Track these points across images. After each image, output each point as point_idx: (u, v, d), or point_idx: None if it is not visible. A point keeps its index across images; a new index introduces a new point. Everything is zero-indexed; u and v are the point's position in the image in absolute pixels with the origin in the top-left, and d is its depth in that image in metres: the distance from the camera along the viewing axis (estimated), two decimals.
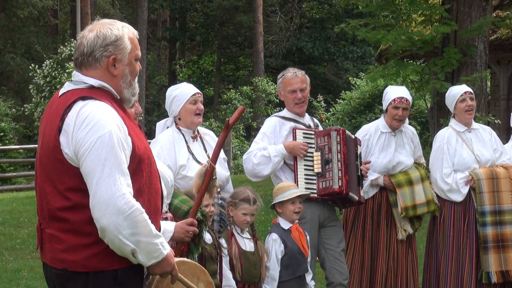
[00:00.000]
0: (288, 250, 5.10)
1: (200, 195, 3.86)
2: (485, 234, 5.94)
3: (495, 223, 5.96)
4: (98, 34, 3.10)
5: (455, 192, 6.01)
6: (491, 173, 6.00)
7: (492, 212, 5.96)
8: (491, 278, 5.91)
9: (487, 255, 5.93)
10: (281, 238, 5.11)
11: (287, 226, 5.18)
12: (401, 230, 5.95)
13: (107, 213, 2.89)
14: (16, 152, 19.85)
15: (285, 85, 5.64)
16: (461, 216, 6.04)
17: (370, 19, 11.83)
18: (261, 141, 5.58)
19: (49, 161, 3.04)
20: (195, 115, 5.15)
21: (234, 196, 5.01)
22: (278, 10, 30.96)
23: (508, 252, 5.95)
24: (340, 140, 5.48)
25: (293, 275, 5.11)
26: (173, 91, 5.21)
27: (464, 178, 6.01)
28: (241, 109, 4.00)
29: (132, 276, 3.09)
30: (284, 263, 5.09)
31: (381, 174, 5.98)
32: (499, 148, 6.20)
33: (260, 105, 25.24)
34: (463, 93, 6.09)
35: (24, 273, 8.22)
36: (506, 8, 13.19)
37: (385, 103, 6.06)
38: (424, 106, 18.75)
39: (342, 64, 30.70)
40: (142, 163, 3.08)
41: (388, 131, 6.07)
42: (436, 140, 6.20)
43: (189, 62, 35.01)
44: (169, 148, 5.04)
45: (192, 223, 3.79)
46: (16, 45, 29.35)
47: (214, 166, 3.97)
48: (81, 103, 3.02)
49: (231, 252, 4.87)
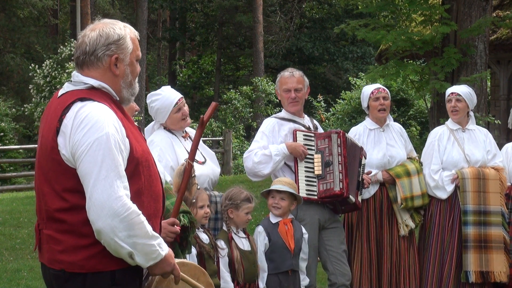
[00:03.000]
0: (272, 243, 5.09)
1: (180, 194, 3.85)
2: (466, 233, 5.95)
3: (479, 223, 5.96)
4: (101, 33, 3.10)
5: (441, 189, 6.05)
6: (477, 173, 6.01)
7: (476, 212, 5.97)
8: (469, 277, 5.91)
9: (466, 254, 5.94)
10: (266, 231, 5.12)
11: (276, 220, 5.19)
12: (403, 226, 5.96)
13: (102, 216, 2.89)
14: (16, 152, 19.84)
15: (281, 84, 5.69)
16: (446, 214, 6.07)
17: (370, 19, 11.82)
18: (261, 140, 5.59)
19: (47, 162, 3.03)
20: (182, 120, 5.16)
21: (232, 198, 4.99)
22: (278, 10, 30.96)
23: (491, 253, 5.94)
24: (340, 142, 5.50)
25: (277, 269, 5.08)
26: (153, 102, 5.14)
27: (450, 176, 6.05)
28: (214, 105, 4.01)
29: (130, 277, 3.09)
30: (267, 257, 5.09)
31: (378, 170, 6.01)
32: (492, 150, 6.22)
33: (260, 105, 25.23)
34: (449, 94, 6.20)
35: (24, 273, 8.22)
36: (506, 8, 13.19)
37: (365, 101, 6.16)
38: (424, 106, 18.74)
39: (342, 64, 30.70)
40: (140, 165, 3.07)
41: (376, 127, 6.12)
42: (429, 136, 6.30)
43: (189, 62, 35.03)
44: (168, 149, 5.04)
45: (173, 223, 3.78)
46: (16, 45, 29.33)
47: (192, 164, 3.96)
48: (79, 104, 3.01)
49: (233, 257, 4.87)
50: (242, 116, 24.52)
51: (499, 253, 5.97)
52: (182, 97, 5.25)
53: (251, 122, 24.95)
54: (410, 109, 20.47)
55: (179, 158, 5.00)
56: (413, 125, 19.80)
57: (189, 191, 4.27)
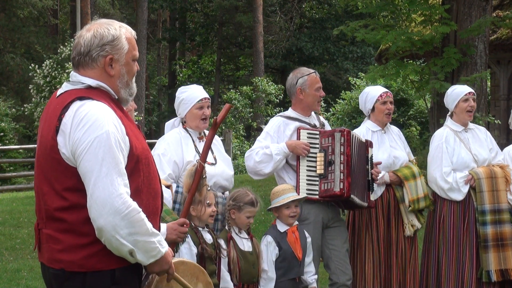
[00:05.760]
0: (282, 252, 5.11)
1: (190, 195, 3.85)
2: (485, 233, 5.94)
3: (495, 222, 5.97)
4: (95, 34, 3.10)
5: (456, 191, 6.01)
6: (490, 172, 6.02)
7: (492, 211, 5.97)
8: (491, 276, 5.91)
9: (487, 253, 5.93)
10: (276, 240, 5.12)
11: (284, 228, 5.19)
12: (408, 226, 5.94)
13: (104, 213, 2.89)
14: (16, 152, 19.86)
15: (311, 83, 5.63)
16: (460, 215, 6.05)
17: (370, 20, 11.83)
18: (264, 140, 5.58)
19: (46, 161, 3.04)
20: (201, 120, 5.17)
21: (236, 199, 4.97)
22: (278, 10, 30.98)
23: (507, 250, 5.96)
24: (344, 141, 5.43)
25: (285, 277, 5.12)
26: (181, 93, 5.22)
27: (464, 177, 6.02)
28: (228, 107, 4.00)
29: (130, 276, 3.09)
30: (276, 265, 5.10)
31: (384, 171, 6.00)
32: (494, 148, 6.24)
33: (260, 105, 25.23)
34: (467, 93, 6.14)
35: (24, 273, 8.22)
36: (506, 8, 13.19)
37: (370, 103, 6.08)
38: (424, 106, 18.74)
39: (342, 64, 30.71)
40: (140, 163, 3.08)
41: (378, 129, 6.10)
42: (434, 139, 6.23)
43: (189, 62, 35.04)
44: (176, 145, 5.05)
45: (183, 223, 3.79)
46: (16, 45, 29.35)
47: (203, 165, 3.96)
48: (78, 103, 3.02)
49: (230, 256, 4.87)
50: (242, 116, 24.52)
51: None
52: (209, 98, 5.28)
53: (251, 122, 24.94)
54: (410, 109, 20.48)
55: (184, 155, 5.00)
56: (413, 125, 19.81)
57: (199, 192, 4.27)
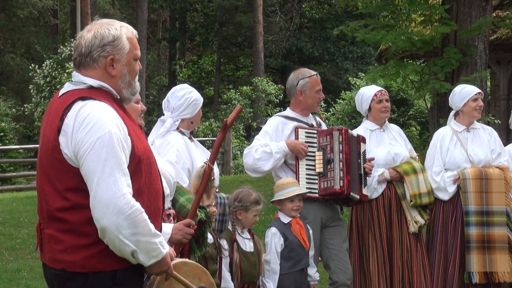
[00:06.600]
0: (289, 242, 5.12)
1: (198, 196, 3.85)
2: (469, 233, 5.93)
3: (481, 224, 5.94)
4: (96, 34, 3.10)
5: (442, 190, 6.04)
6: (479, 173, 6.00)
7: (478, 213, 5.95)
8: (472, 278, 5.89)
9: (469, 255, 5.92)
10: (281, 231, 5.14)
11: (287, 220, 5.22)
12: (412, 223, 5.94)
13: (107, 213, 2.89)
14: (16, 152, 19.86)
15: (313, 85, 5.66)
16: (449, 215, 6.07)
17: (370, 20, 11.83)
18: (262, 138, 5.60)
19: (48, 161, 3.04)
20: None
21: (242, 199, 4.95)
22: (278, 10, 30.97)
23: (494, 253, 5.92)
24: (342, 140, 5.49)
25: (294, 268, 5.13)
26: (191, 93, 5.09)
27: (451, 177, 6.04)
28: (239, 109, 4.00)
29: (131, 276, 3.09)
30: (284, 256, 5.11)
31: (384, 168, 6.01)
32: (497, 149, 6.19)
33: (260, 105, 25.23)
34: (477, 93, 6.16)
35: (24, 273, 8.22)
36: (506, 8, 13.19)
37: (366, 103, 6.10)
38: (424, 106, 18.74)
39: (342, 64, 30.71)
40: (142, 163, 3.08)
41: (376, 128, 6.12)
42: (433, 138, 6.28)
43: (189, 62, 35.03)
44: (185, 152, 4.98)
45: (189, 224, 3.79)
46: (16, 45, 29.34)
47: (212, 166, 3.96)
48: (80, 103, 3.01)
49: (233, 258, 4.87)
50: (242, 116, 24.51)
51: (503, 253, 5.94)
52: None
53: (251, 122, 24.95)
54: (410, 109, 20.49)
55: (194, 161, 4.97)
56: (413, 125, 19.82)
57: (207, 193, 4.26)
